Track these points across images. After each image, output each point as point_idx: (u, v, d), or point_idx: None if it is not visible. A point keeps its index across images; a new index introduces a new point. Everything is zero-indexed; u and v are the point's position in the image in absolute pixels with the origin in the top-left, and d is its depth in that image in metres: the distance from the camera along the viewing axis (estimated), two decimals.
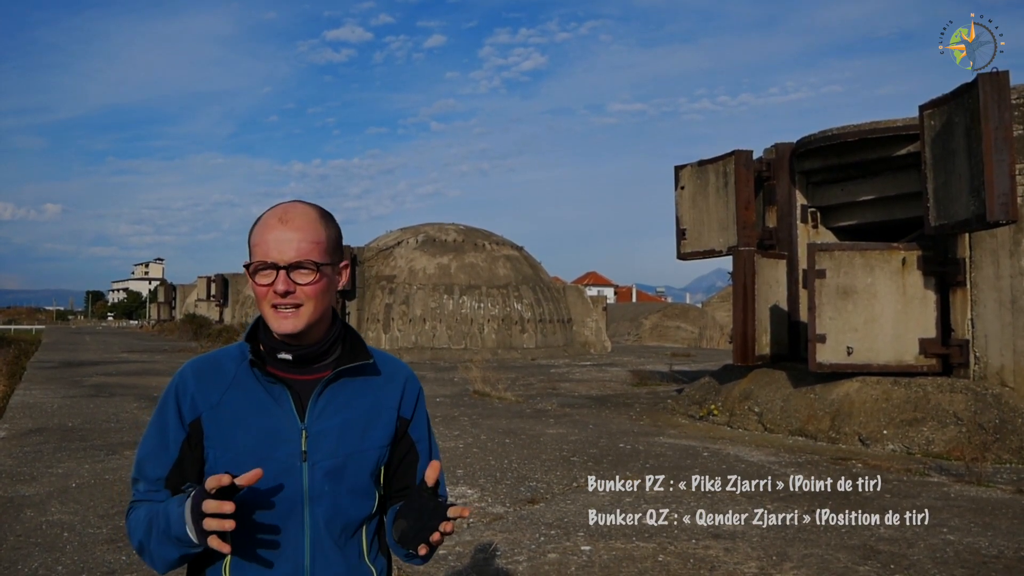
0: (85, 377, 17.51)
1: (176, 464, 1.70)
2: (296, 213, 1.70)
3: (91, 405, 12.43)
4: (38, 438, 9.35)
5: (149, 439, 1.74)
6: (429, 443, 1.88)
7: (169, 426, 1.71)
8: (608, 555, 5.00)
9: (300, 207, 1.73)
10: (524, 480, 7.25)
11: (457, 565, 4.81)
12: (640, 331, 43.72)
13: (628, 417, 11.60)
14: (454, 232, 28.94)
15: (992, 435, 8.45)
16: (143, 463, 1.72)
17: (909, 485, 7.11)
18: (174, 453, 1.70)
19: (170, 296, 57.84)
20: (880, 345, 9.71)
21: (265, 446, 1.67)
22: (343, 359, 1.77)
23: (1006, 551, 5.13)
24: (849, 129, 10.93)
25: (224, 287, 41.48)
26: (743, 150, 11.97)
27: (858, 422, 9.28)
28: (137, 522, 1.67)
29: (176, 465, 1.70)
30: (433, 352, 25.11)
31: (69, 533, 5.50)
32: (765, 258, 11.47)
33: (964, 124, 8.48)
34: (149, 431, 1.74)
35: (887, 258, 9.79)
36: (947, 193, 8.83)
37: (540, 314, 27.34)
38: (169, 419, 1.71)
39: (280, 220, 1.68)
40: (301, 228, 1.68)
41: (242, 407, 1.70)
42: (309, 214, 1.72)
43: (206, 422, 1.69)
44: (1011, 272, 9.16)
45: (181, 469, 1.70)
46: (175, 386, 1.74)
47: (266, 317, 1.69)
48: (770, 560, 4.90)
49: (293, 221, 1.68)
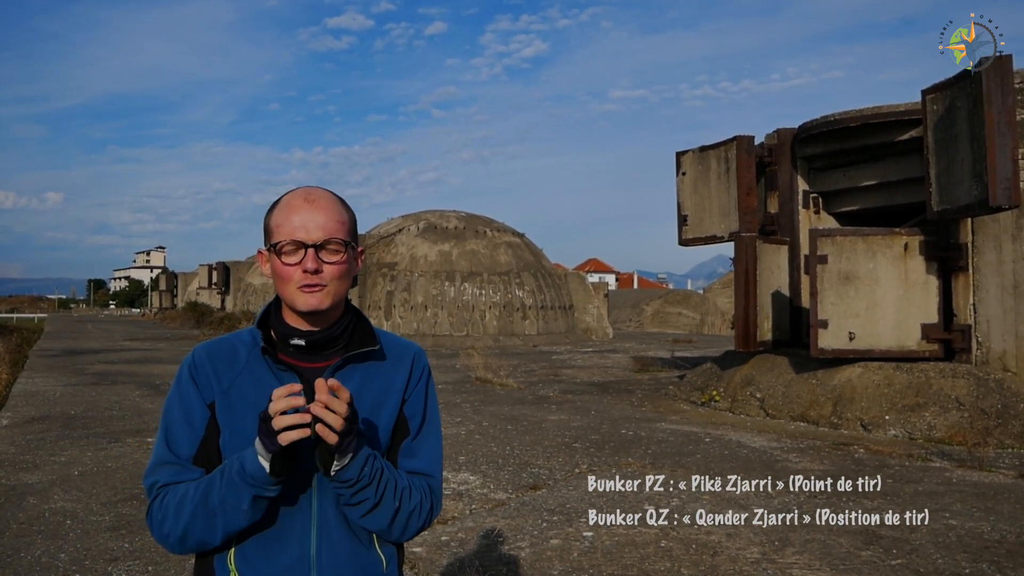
0: (87, 365, 17.54)
1: (203, 442, 1.69)
2: (320, 194, 1.72)
3: (93, 393, 12.45)
4: (41, 426, 9.36)
5: (173, 419, 1.70)
6: (422, 420, 1.82)
7: (193, 405, 1.69)
8: (610, 540, 5.01)
9: (321, 190, 1.75)
10: (526, 466, 7.26)
11: (460, 551, 4.81)
12: (641, 317, 43.73)
13: (630, 403, 11.61)
14: (455, 219, 28.89)
15: (994, 420, 8.44)
16: (171, 442, 1.68)
17: (911, 470, 7.12)
18: (200, 431, 1.69)
19: (171, 284, 57.88)
20: (882, 331, 9.70)
21: None
22: (352, 345, 1.75)
23: (1008, 535, 5.14)
24: (851, 114, 10.88)
25: (225, 275, 41.50)
26: (745, 136, 11.93)
27: (860, 408, 9.28)
28: (177, 504, 1.61)
29: (203, 443, 1.69)
30: (435, 339, 25.12)
31: (72, 521, 5.51)
32: (767, 244, 11.45)
33: (967, 109, 8.43)
34: (172, 412, 1.71)
35: (889, 243, 9.76)
36: (949, 178, 8.79)
37: (541, 301, 27.34)
38: (192, 398, 1.70)
39: (306, 200, 1.69)
40: (327, 208, 1.69)
41: (252, 393, 1.68)
42: (332, 196, 1.74)
43: (218, 406, 1.69)
44: (1013, 257, 9.13)
45: (207, 447, 1.68)
46: (190, 367, 1.73)
47: (288, 296, 1.68)
48: (772, 545, 4.90)
49: (319, 201, 1.70)
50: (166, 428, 1.71)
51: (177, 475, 1.66)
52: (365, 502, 1.62)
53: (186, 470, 1.67)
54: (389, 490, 1.64)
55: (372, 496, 1.62)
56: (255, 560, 1.65)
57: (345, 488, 1.59)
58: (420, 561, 4.60)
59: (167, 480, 1.66)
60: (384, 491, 1.63)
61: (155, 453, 1.71)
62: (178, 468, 1.67)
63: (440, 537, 5.09)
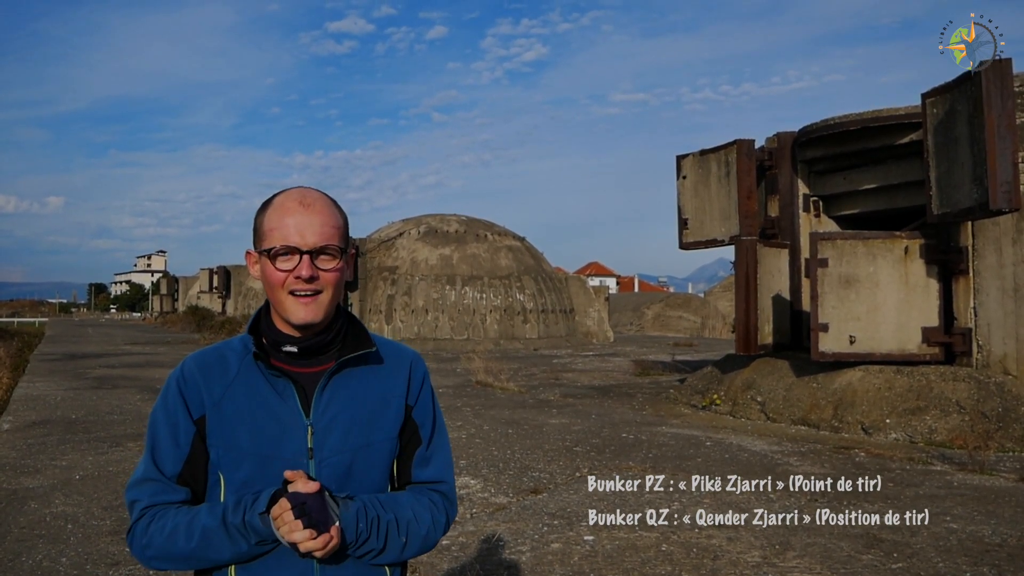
0: (88, 369, 17.54)
1: (188, 460, 1.66)
2: (315, 197, 1.67)
3: (94, 397, 12.45)
4: (42, 430, 9.37)
5: (158, 435, 1.67)
6: (432, 427, 1.81)
7: (179, 421, 1.66)
8: (611, 544, 5.01)
9: (315, 192, 1.70)
10: (527, 470, 7.26)
11: (461, 555, 4.81)
12: (642, 321, 43.71)
13: (631, 407, 11.60)
14: (456, 223, 28.90)
15: (995, 423, 8.44)
16: (157, 458, 1.66)
17: (912, 473, 7.11)
18: (185, 448, 1.66)
19: (172, 288, 57.88)
20: (883, 334, 9.70)
21: (270, 445, 1.63)
22: (346, 349, 1.71)
23: (1009, 539, 5.13)
24: (851, 117, 10.89)
25: (226, 279, 41.50)
26: (745, 139, 11.93)
27: (861, 411, 9.27)
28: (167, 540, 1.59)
29: (188, 461, 1.66)
30: (435, 343, 25.12)
31: (73, 525, 5.51)
32: (767, 247, 11.45)
33: (967, 112, 8.44)
34: (158, 427, 1.68)
35: (889, 247, 9.77)
36: (950, 181, 8.80)
37: (542, 304, 27.33)
38: (178, 414, 1.66)
39: (300, 204, 1.64)
40: (322, 212, 1.65)
41: (246, 404, 1.65)
42: (325, 199, 1.69)
43: (210, 419, 1.65)
44: (1014, 260, 9.13)
45: (192, 465, 1.66)
46: (178, 381, 1.69)
47: (280, 305, 1.64)
48: (773, 549, 4.90)
49: (314, 205, 1.65)
50: (152, 443, 1.68)
51: (160, 493, 1.64)
52: (371, 552, 1.62)
53: (169, 489, 1.65)
54: (392, 531, 1.64)
55: (376, 545, 1.62)
56: (256, 566, 1.63)
57: (350, 550, 1.60)
58: (421, 566, 4.60)
59: (150, 501, 1.64)
60: (387, 535, 1.63)
61: (140, 466, 1.69)
62: (161, 485, 1.65)
63: (441, 541, 5.08)
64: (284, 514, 1.48)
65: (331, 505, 1.55)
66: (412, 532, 1.67)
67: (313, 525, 1.49)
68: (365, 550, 1.60)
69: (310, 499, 1.51)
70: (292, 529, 1.47)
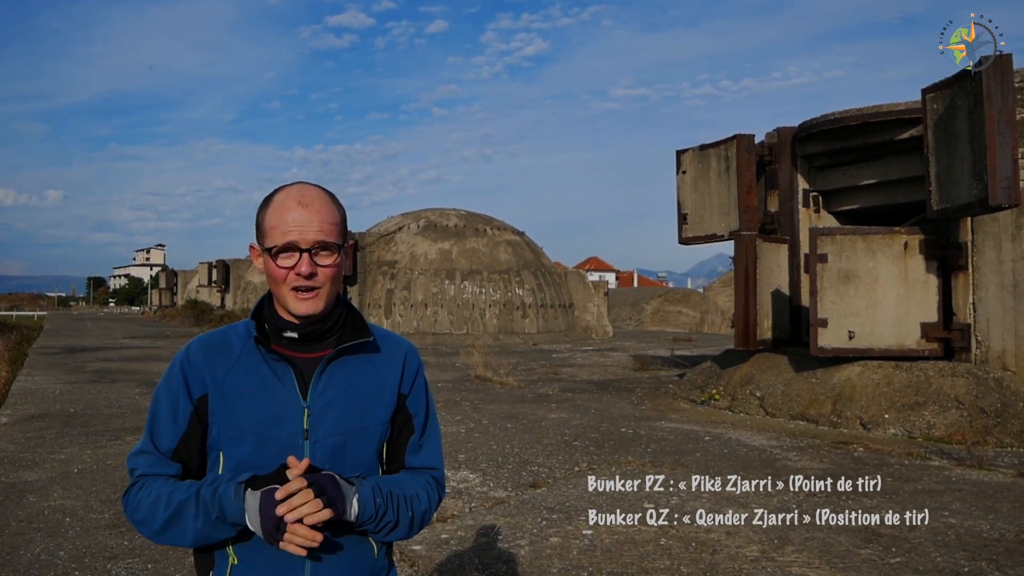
0: (87, 363, 17.54)
1: (184, 437, 1.74)
2: (313, 195, 1.73)
3: (93, 391, 12.45)
4: (40, 424, 9.37)
5: (159, 411, 1.76)
6: (425, 417, 1.89)
7: (179, 399, 1.74)
8: (610, 539, 5.01)
9: (314, 188, 1.76)
10: (526, 464, 7.26)
11: (459, 549, 4.82)
12: (642, 316, 43.73)
13: (630, 402, 11.61)
14: (455, 217, 28.90)
15: (993, 419, 8.45)
16: (154, 434, 1.75)
17: (910, 469, 7.12)
18: (183, 426, 1.74)
19: (171, 282, 57.83)
20: (882, 329, 9.70)
21: (268, 425, 1.71)
22: (345, 337, 1.79)
23: (1007, 534, 5.14)
24: (851, 113, 10.88)
25: (225, 273, 41.46)
26: (745, 134, 11.92)
27: (859, 406, 9.28)
28: (150, 506, 1.68)
29: (184, 438, 1.74)
30: (435, 337, 25.12)
31: (71, 518, 5.51)
32: (767, 242, 11.44)
33: (967, 108, 8.43)
34: (159, 404, 1.77)
35: (889, 242, 9.76)
36: (949, 177, 8.79)
37: (542, 299, 27.33)
38: (178, 392, 1.74)
39: (299, 202, 1.70)
40: (320, 210, 1.71)
41: (246, 385, 1.73)
42: (323, 196, 1.76)
43: (212, 398, 1.73)
44: (1013, 256, 9.13)
45: (187, 442, 1.74)
46: (182, 362, 1.77)
47: (283, 299, 1.72)
48: (771, 543, 4.91)
49: (312, 203, 1.71)
50: (152, 418, 1.77)
51: (154, 466, 1.74)
52: (388, 524, 1.70)
53: (163, 463, 1.74)
54: (403, 505, 1.73)
55: (393, 517, 1.70)
56: (251, 551, 1.69)
57: (370, 524, 1.67)
58: (420, 559, 4.61)
59: (144, 470, 1.74)
60: (399, 508, 1.72)
61: (142, 439, 1.79)
62: (156, 459, 1.74)
63: (440, 535, 5.09)
64: (304, 491, 1.54)
65: (344, 484, 1.62)
66: (415, 509, 1.77)
67: (331, 504, 1.56)
68: (383, 523, 1.69)
69: (323, 478, 1.59)
70: (314, 508, 1.53)
